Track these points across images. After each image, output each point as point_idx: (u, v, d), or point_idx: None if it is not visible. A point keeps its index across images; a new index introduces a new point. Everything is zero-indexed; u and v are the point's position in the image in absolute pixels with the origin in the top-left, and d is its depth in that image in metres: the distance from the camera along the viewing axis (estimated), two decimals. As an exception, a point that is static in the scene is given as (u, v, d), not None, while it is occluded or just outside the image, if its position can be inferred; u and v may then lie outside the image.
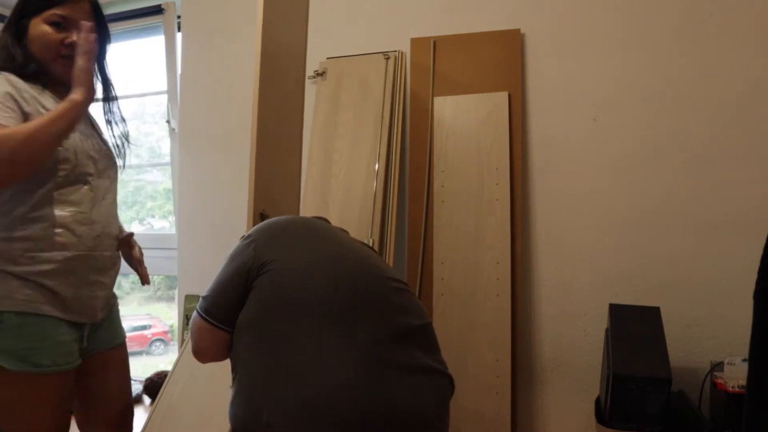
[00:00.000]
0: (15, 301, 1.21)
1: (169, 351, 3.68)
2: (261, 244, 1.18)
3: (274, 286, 1.12)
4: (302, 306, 1.09)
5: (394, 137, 2.20)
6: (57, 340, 1.26)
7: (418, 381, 1.07)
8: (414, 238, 2.19)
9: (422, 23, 2.34)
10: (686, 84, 1.99)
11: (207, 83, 2.76)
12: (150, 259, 3.13)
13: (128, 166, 3.65)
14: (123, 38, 3.20)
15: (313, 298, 1.09)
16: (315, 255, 1.16)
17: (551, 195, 2.13)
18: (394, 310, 1.13)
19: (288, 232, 1.21)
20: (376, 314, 1.10)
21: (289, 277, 1.12)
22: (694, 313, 1.93)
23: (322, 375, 1.02)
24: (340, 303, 1.09)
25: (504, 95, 2.15)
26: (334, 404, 1.00)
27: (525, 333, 2.12)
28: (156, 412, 1.72)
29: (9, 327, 1.20)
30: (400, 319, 1.12)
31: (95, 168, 1.38)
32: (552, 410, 2.09)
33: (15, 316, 1.21)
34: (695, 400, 1.79)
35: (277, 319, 1.09)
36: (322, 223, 1.32)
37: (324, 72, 2.40)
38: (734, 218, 1.91)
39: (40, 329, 1.23)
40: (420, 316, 1.17)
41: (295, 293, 1.10)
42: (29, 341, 1.22)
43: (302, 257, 1.15)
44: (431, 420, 1.06)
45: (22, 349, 1.21)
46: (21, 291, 1.22)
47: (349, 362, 1.03)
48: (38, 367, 1.22)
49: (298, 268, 1.13)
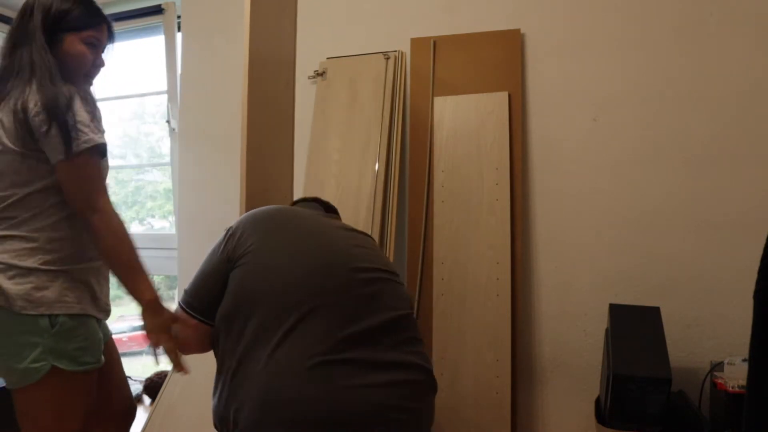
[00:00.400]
0: (67, 305, 1.25)
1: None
2: (239, 237, 1.20)
3: (243, 281, 1.14)
4: (263, 303, 1.09)
5: (394, 137, 2.20)
6: (98, 338, 1.32)
7: (374, 378, 1.04)
8: (414, 238, 2.19)
9: (422, 23, 2.34)
10: (686, 84, 1.99)
11: (207, 83, 2.76)
12: (150, 259, 3.14)
13: (128, 166, 3.65)
14: (123, 38, 3.20)
15: (273, 295, 1.10)
16: (287, 249, 1.16)
17: (551, 195, 2.13)
18: (359, 305, 1.11)
19: (268, 224, 1.21)
20: (336, 311, 1.09)
21: (257, 272, 1.13)
22: (694, 313, 1.93)
23: (273, 375, 1.02)
24: (298, 301, 1.09)
25: (504, 95, 2.15)
26: (284, 405, 1.00)
27: (525, 333, 2.12)
28: (156, 412, 1.72)
29: (64, 330, 1.24)
30: (364, 313, 1.10)
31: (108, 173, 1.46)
32: (552, 410, 2.09)
33: (69, 318, 1.24)
34: (695, 400, 1.79)
35: (243, 314, 1.11)
36: (308, 212, 1.31)
37: (324, 72, 2.40)
38: (734, 218, 1.91)
39: (87, 330, 1.28)
40: (393, 308, 1.14)
41: (259, 289, 1.11)
42: (79, 341, 1.26)
43: (275, 252, 1.16)
44: (381, 416, 1.03)
45: (74, 350, 1.25)
46: (71, 293, 1.26)
47: (299, 363, 1.03)
48: (86, 365, 1.27)
49: (268, 263, 1.14)
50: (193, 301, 1.20)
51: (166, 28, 2.96)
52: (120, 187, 3.51)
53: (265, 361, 1.04)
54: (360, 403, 1.01)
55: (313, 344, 1.04)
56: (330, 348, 1.04)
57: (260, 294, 1.11)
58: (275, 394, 1.01)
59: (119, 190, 3.50)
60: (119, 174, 3.52)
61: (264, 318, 1.08)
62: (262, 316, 1.09)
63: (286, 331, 1.06)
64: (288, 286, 1.11)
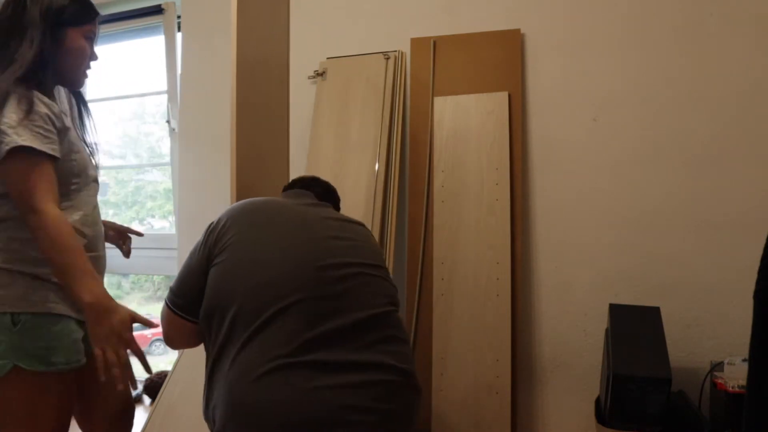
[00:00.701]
0: (31, 303, 1.22)
1: (169, 351, 3.68)
2: (219, 230, 1.19)
3: (219, 278, 1.13)
4: (235, 302, 1.08)
5: (394, 137, 2.20)
6: (72, 339, 1.28)
7: (338, 379, 1.02)
8: (414, 238, 2.19)
9: (422, 23, 2.34)
10: (686, 84, 1.99)
11: (207, 83, 2.76)
12: (150, 259, 3.12)
13: (128, 166, 3.65)
14: (123, 38, 3.20)
15: (244, 295, 1.08)
16: (264, 245, 1.14)
17: (551, 195, 2.13)
18: (328, 304, 1.08)
19: (249, 217, 1.20)
20: (304, 311, 1.06)
21: (233, 269, 1.12)
22: (694, 313, 1.93)
23: (234, 379, 1.02)
24: (266, 301, 1.07)
25: (504, 95, 2.15)
26: (244, 409, 1.00)
27: (525, 333, 2.12)
28: (156, 412, 1.72)
29: (27, 328, 1.21)
30: (333, 312, 1.08)
31: (92, 175, 1.41)
32: (552, 410, 2.09)
33: (32, 317, 1.22)
34: (695, 400, 1.79)
35: (219, 312, 1.10)
36: (294, 203, 1.28)
37: (324, 72, 2.40)
38: (734, 218, 1.91)
39: (56, 329, 1.25)
40: (369, 305, 1.11)
41: (232, 288, 1.10)
42: (45, 341, 1.23)
43: (252, 247, 1.14)
44: (342, 419, 0.99)
45: (39, 349, 1.22)
46: (36, 292, 1.23)
47: (257, 366, 1.01)
48: (53, 365, 1.24)
49: (243, 258, 1.13)
50: (177, 299, 1.19)
51: (166, 28, 2.96)
52: (120, 187, 3.51)
53: (230, 364, 1.04)
54: (317, 405, 0.99)
55: (275, 346, 1.03)
56: (293, 350, 1.02)
57: (233, 293, 1.10)
58: (237, 397, 1.01)
59: (119, 190, 3.50)
60: (119, 174, 3.52)
61: (235, 317, 1.07)
62: (234, 315, 1.08)
63: (252, 333, 1.05)
64: (259, 287, 1.09)
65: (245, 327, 1.06)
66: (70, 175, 1.29)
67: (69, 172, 1.29)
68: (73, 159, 1.30)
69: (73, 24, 1.33)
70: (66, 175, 1.28)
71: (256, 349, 1.03)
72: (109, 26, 3.10)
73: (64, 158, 1.26)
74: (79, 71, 1.36)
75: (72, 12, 1.32)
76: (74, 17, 1.33)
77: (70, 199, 1.30)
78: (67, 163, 1.28)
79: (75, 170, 1.30)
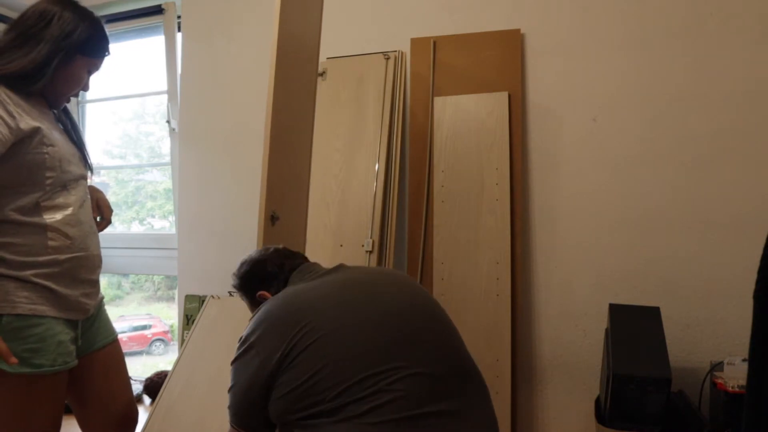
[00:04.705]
0: (13, 304, 1.21)
1: (169, 351, 3.68)
2: (264, 352, 1.09)
3: (292, 384, 1.05)
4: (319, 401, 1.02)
5: (394, 137, 2.20)
6: (56, 340, 1.26)
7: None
8: (414, 238, 2.19)
9: (422, 23, 2.34)
10: (686, 84, 1.99)
11: (207, 83, 2.76)
12: (150, 259, 3.12)
13: (128, 166, 3.65)
14: (123, 38, 3.20)
15: (322, 392, 1.02)
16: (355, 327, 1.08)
17: (551, 195, 2.13)
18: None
19: (289, 321, 1.09)
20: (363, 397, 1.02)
21: (304, 371, 1.04)
22: (694, 313, 1.93)
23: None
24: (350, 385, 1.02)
25: (504, 95, 2.15)
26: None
27: (525, 333, 2.12)
28: (156, 412, 1.72)
29: (9, 329, 1.20)
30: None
31: (75, 172, 1.39)
32: (552, 410, 2.09)
33: (14, 318, 1.21)
34: (695, 400, 1.79)
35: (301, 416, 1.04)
36: (335, 281, 1.20)
37: (324, 72, 2.40)
38: (734, 218, 1.91)
39: (40, 330, 1.24)
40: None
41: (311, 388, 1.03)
42: (29, 343, 1.22)
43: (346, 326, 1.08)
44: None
45: (22, 351, 1.21)
46: (18, 293, 1.22)
47: None
48: (38, 368, 1.22)
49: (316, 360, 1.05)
50: (247, 419, 1.11)
51: (166, 28, 2.96)
52: (120, 187, 3.51)
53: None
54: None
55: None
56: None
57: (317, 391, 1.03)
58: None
59: (119, 190, 3.50)
60: (119, 174, 3.52)
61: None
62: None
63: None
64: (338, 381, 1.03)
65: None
66: (40, 167, 1.27)
67: (38, 164, 1.27)
68: (44, 152, 1.27)
69: (86, 54, 1.35)
70: (34, 167, 1.26)
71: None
72: (109, 26, 3.08)
73: (31, 150, 1.25)
74: (65, 96, 1.38)
75: (92, 44, 1.35)
76: (90, 49, 1.35)
77: (51, 199, 1.29)
78: (36, 156, 1.26)
79: (46, 163, 1.28)
